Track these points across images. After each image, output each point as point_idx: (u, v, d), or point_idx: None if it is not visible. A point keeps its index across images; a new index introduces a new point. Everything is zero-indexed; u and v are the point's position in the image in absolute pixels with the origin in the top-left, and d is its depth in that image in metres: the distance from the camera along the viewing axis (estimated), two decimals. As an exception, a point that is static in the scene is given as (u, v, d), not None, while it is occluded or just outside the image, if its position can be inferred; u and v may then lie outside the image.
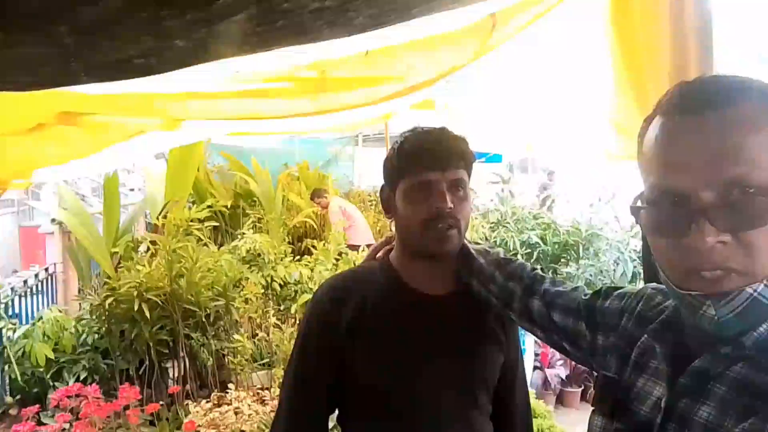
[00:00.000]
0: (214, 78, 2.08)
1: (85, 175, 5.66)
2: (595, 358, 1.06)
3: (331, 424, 1.49)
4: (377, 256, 1.52)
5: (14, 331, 4.19)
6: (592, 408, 0.95)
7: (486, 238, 5.49)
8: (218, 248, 5.19)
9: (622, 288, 1.10)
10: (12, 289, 4.45)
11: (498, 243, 5.47)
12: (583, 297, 1.14)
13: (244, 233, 5.67)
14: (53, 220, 5.20)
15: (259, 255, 5.32)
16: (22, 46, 0.73)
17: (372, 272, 1.44)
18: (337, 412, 1.44)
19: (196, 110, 2.24)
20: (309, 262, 5.31)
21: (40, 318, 4.47)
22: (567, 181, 8.40)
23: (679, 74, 1.39)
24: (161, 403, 3.40)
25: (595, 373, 1.04)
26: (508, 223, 5.68)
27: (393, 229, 1.45)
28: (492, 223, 5.79)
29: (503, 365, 1.43)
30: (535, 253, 5.36)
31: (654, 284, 1.01)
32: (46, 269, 5.20)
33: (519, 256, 5.42)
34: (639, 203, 0.80)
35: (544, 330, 1.21)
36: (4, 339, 4.13)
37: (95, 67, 0.87)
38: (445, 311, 1.37)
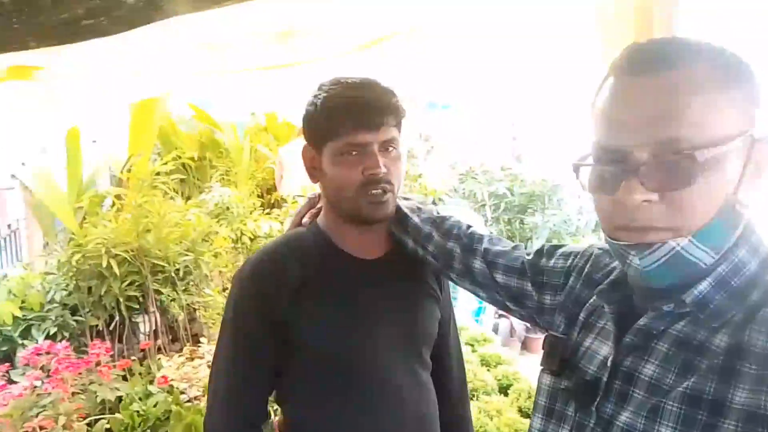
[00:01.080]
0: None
1: (43, 128, 5.49)
2: (543, 317, 1.09)
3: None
4: (303, 221, 1.43)
5: (-22, 290, 4.12)
6: (541, 367, 0.97)
7: (455, 190, 5.53)
8: (186, 201, 5.12)
9: (564, 246, 1.12)
10: (-26, 246, 4.35)
11: (466, 194, 5.51)
12: (527, 257, 1.14)
13: (211, 186, 5.60)
14: (13, 176, 5.05)
15: (227, 208, 5.27)
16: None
17: (301, 239, 1.36)
18: (274, 392, 1.38)
19: (161, 64, 2.18)
20: (279, 215, 5.29)
21: (5, 276, 4.40)
22: (537, 134, 8.44)
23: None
24: (133, 358, 3.41)
25: (543, 332, 1.07)
26: (477, 174, 5.72)
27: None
28: (461, 174, 5.82)
29: (439, 321, 1.42)
30: (503, 204, 5.43)
31: (600, 243, 1.03)
32: (9, 226, 5.08)
33: (487, 207, 5.49)
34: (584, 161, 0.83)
35: (487, 289, 1.21)
36: (-31, 297, 4.06)
37: (42, 30, 0.84)
38: (382, 274, 1.33)
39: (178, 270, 3.87)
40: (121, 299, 3.68)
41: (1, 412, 2.61)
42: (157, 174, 4.38)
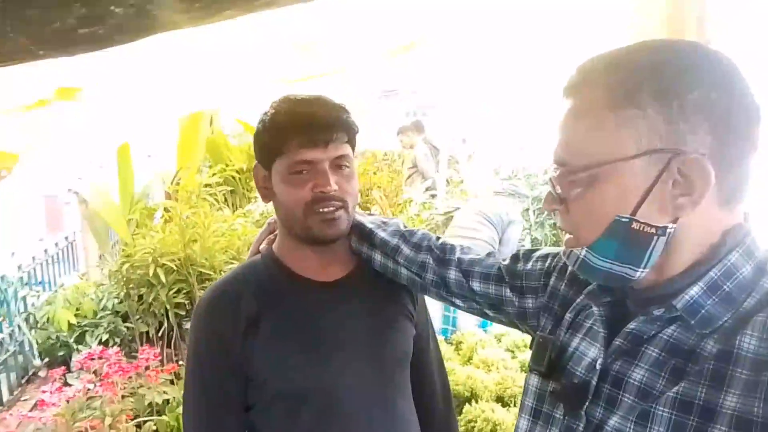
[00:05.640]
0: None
1: (99, 144, 5.77)
2: (528, 321, 1.07)
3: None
4: (261, 247, 1.36)
5: (38, 298, 4.37)
6: (529, 368, 0.96)
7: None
8: (234, 212, 5.27)
9: (541, 249, 1.11)
10: (33, 258, 4.61)
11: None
12: (503, 262, 1.13)
13: (257, 197, 5.74)
14: (70, 190, 5.33)
15: (272, 217, 5.38)
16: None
17: (255, 268, 1.29)
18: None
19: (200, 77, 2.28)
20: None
21: (62, 285, 4.64)
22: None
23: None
24: (180, 362, 3.54)
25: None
26: (519, 178, 5.66)
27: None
28: (503, 179, 5.77)
29: (415, 337, 1.35)
30: (546, 208, 5.35)
31: None
32: (66, 237, 5.36)
33: (530, 212, 5.43)
34: None
35: (463, 299, 1.19)
36: (29, 306, 4.31)
37: (42, 39, 0.89)
38: (344, 295, 1.27)
39: (223, 277, 3.98)
40: (168, 306, 3.82)
41: (54, 412, 2.76)
42: (206, 186, 4.53)
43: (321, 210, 1.16)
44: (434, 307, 1.33)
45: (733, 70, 0.73)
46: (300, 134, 1.14)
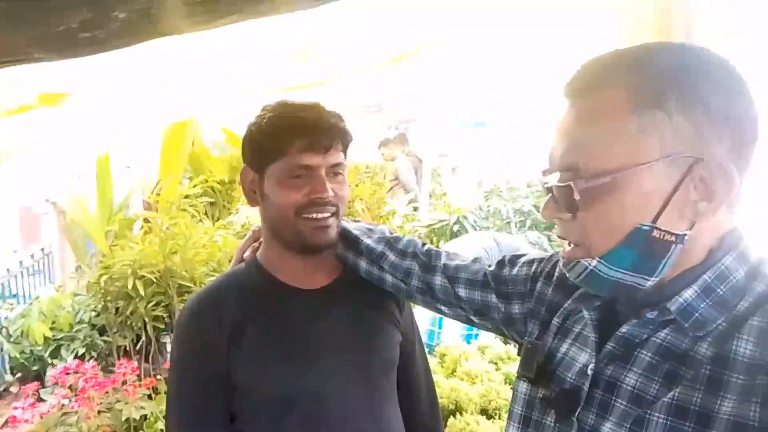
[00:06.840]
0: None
1: (78, 154, 5.68)
2: (514, 327, 1.07)
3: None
4: (245, 255, 1.36)
5: (11, 311, 4.26)
6: (517, 375, 0.95)
7: (480, 208, 5.49)
8: (214, 223, 5.21)
9: (526, 254, 1.11)
10: (8, 269, 4.51)
11: (491, 211, 5.47)
12: (489, 268, 1.13)
13: (238, 208, 5.69)
14: (48, 200, 5.24)
15: (254, 230, 5.32)
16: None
17: (239, 276, 1.29)
18: None
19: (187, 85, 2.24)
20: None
21: (37, 297, 4.53)
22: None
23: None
24: (159, 377, 3.46)
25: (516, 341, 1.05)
26: (502, 191, 5.67)
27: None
28: (486, 192, 5.79)
29: (401, 343, 1.35)
30: (528, 221, 5.36)
31: None
32: (42, 249, 5.26)
33: (512, 224, 5.43)
34: None
35: (449, 305, 1.18)
36: (2, 319, 4.19)
37: (41, 41, 0.87)
38: (330, 303, 1.25)
39: (203, 290, 3.92)
40: (147, 320, 3.75)
41: (27, 429, 2.67)
42: (186, 197, 4.47)
43: (314, 216, 1.16)
44: (421, 310, 1.32)
45: (743, 79, 0.73)
46: (301, 139, 1.14)
